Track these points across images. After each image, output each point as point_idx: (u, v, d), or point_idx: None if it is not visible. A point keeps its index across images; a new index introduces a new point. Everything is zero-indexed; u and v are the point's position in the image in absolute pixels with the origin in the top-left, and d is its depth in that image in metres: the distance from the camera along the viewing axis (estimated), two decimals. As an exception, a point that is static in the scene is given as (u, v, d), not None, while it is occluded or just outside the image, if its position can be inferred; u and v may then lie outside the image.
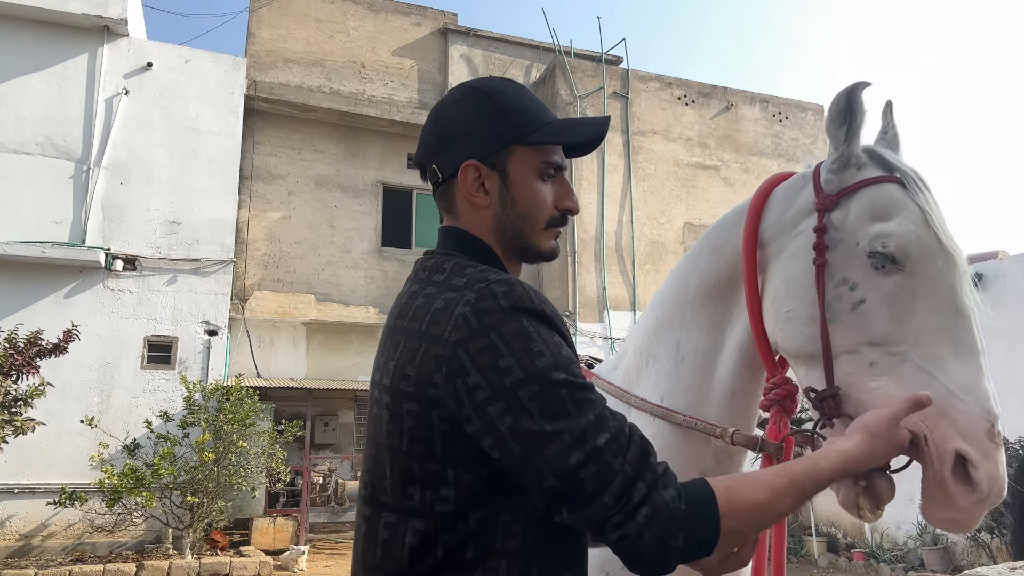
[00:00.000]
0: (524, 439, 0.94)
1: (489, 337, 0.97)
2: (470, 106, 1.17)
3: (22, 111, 10.34)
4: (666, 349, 1.63)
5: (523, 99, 1.18)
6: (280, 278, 12.04)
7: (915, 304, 1.23)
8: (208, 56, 11.66)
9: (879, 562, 9.05)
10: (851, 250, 1.30)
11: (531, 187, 1.14)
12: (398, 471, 1.02)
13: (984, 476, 1.12)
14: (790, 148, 14.82)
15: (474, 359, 0.96)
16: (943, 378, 1.18)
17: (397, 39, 13.74)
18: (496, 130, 1.14)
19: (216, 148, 11.31)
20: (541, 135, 1.13)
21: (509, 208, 1.14)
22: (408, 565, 1.00)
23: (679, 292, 1.63)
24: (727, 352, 1.53)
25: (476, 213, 1.15)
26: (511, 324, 0.98)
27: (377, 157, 13.05)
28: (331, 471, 11.42)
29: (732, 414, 1.54)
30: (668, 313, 1.65)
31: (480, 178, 1.14)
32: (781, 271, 1.40)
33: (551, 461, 0.93)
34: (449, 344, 0.98)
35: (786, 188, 1.51)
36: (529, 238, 1.16)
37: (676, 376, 1.60)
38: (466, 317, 0.98)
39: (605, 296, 12.59)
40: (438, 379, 0.98)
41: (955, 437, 1.14)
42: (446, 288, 1.04)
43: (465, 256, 1.12)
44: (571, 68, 13.32)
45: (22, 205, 10.10)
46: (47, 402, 8.38)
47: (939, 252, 1.24)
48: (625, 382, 1.75)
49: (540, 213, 1.15)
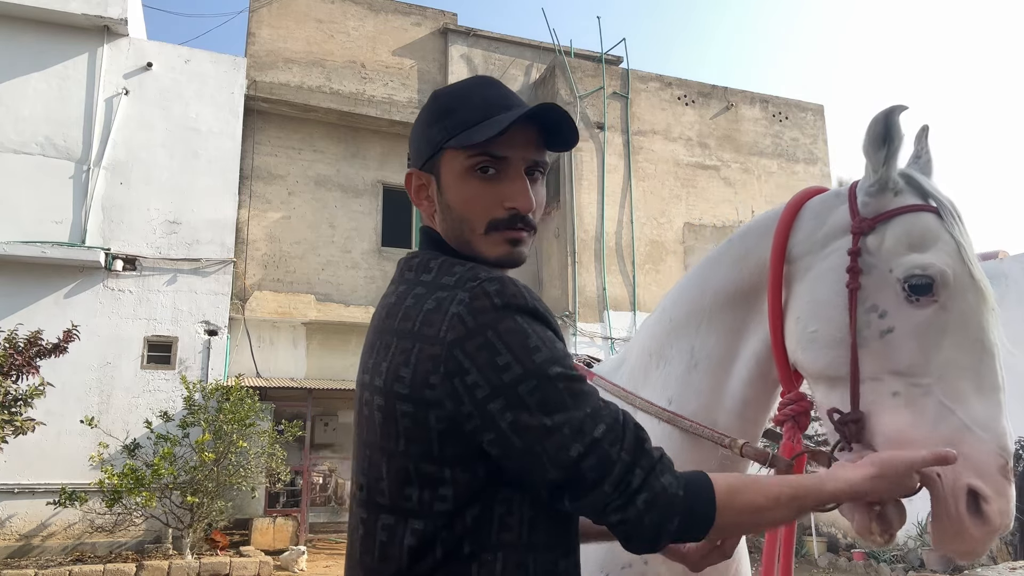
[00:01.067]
0: (525, 433, 0.95)
1: (486, 335, 0.97)
2: (421, 116, 1.18)
3: (22, 111, 10.33)
4: (679, 353, 1.62)
5: (459, 99, 1.14)
6: (280, 278, 12.04)
7: (943, 338, 1.24)
8: (208, 56, 11.66)
9: (879, 562, 9.05)
10: (884, 277, 1.29)
11: (461, 189, 1.10)
12: (395, 472, 1.02)
13: (995, 511, 1.16)
14: (790, 148, 14.82)
15: (472, 358, 0.96)
16: (962, 414, 1.20)
17: (397, 39, 13.74)
18: (428, 135, 1.14)
19: (216, 148, 11.31)
20: (459, 138, 1.09)
21: (446, 213, 1.12)
22: (407, 567, 1.00)
23: (696, 297, 1.62)
24: (742, 361, 1.53)
25: (429, 219, 1.16)
26: (506, 322, 0.98)
27: (377, 157, 13.05)
28: (331, 471, 11.42)
29: (742, 422, 1.54)
30: (682, 317, 1.63)
31: (420, 184, 1.15)
32: (809, 290, 1.40)
33: (552, 454, 0.95)
34: (445, 344, 0.97)
35: (818, 205, 1.48)
36: (471, 244, 1.11)
37: (688, 380, 1.59)
38: (460, 317, 0.98)
39: (605, 296, 12.59)
40: (435, 380, 0.98)
41: (969, 473, 1.17)
42: (436, 288, 1.04)
43: (441, 254, 1.11)
44: (571, 68, 13.32)
45: (22, 205, 10.10)
46: (47, 402, 8.37)
47: (971, 286, 1.26)
48: (630, 383, 1.74)
49: (476, 216, 1.10)
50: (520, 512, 1.02)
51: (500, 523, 1.01)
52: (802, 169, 14.72)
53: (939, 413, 1.21)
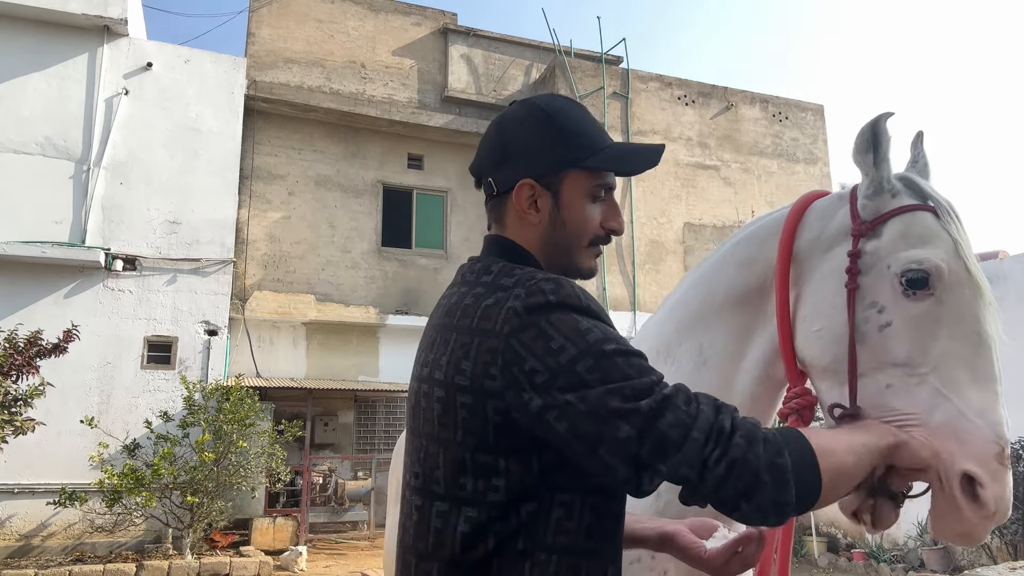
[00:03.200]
0: (584, 394, 0.96)
1: (539, 325, 1.01)
2: (531, 127, 1.20)
3: (22, 111, 10.33)
4: (687, 351, 1.66)
5: (583, 123, 1.21)
6: (280, 278, 12.04)
7: (939, 329, 1.28)
8: (208, 56, 11.66)
9: (879, 562, 9.05)
10: (882, 273, 1.34)
11: (581, 209, 1.19)
12: (451, 461, 1.05)
13: (991, 496, 1.18)
14: (790, 148, 14.81)
15: (527, 346, 1.00)
16: (958, 401, 1.23)
17: (397, 39, 13.74)
18: (554, 153, 1.18)
19: (216, 148, 11.31)
20: (596, 161, 1.17)
21: (558, 227, 1.18)
22: (460, 552, 1.03)
23: (705, 297, 1.65)
24: (751, 360, 1.57)
25: (525, 228, 1.19)
26: (557, 313, 1.02)
27: (377, 157, 13.04)
28: (331, 471, 11.41)
29: (751, 416, 1.57)
30: (691, 316, 1.68)
31: (534, 196, 1.18)
32: (814, 291, 1.45)
33: (623, 413, 0.95)
34: (502, 336, 1.02)
35: (822, 208, 1.53)
36: (572, 256, 1.20)
37: (698, 378, 1.62)
38: (516, 310, 1.03)
39: (605, 296, 12.59)
40: (495, 371, 1.01)
41: (964, 458, 1.20)
42: (495, 288, 1.08)
43: (502, 260, 1.15)
44: (571, 68, 13.32)
45: (22, 205, 10.10)
46: (47, 402, 8.37)
47: (967, 281, 1.29)
48: None
49: (585, 233, 1.20)
50: (579, 516, 1.04)
51: (557, 525, 1.03)
52: (802, 169, 14.72)
53: (935, 400, 1.25)
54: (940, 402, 1.24)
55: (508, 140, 1.21)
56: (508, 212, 1.19)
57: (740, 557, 1.18)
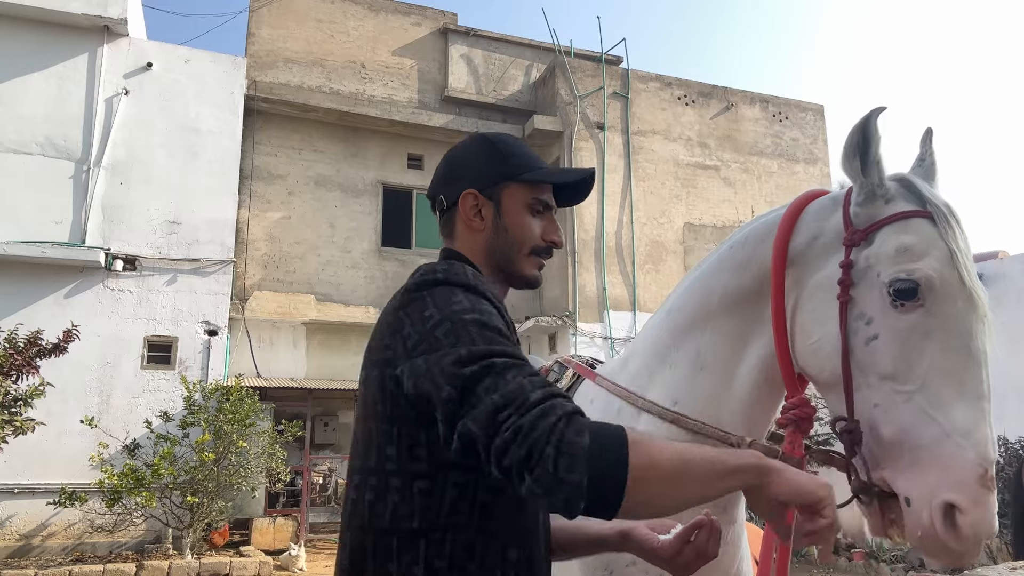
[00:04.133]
0: (429, 356, 1.03)
1: (423, 298, 1.11)
2: (474, 151, 1.37)
3: (22, 111, 10.33)
4: (685, 355, 1.63)
5: (520, 147, 1.37)
6: (280, 278, 12.04)
7: (927, 343, 1.24)
8: (208, 56, 11.66)
9: (879, 562, 9.04)
10: (872, 283, 1.31)
11: (521, 218, 1.31)
12: (362, 434, 1.15)
13: (968, 523, 1.15)
14: (790, 148, 14.81)
15: (409, 315, 1.10)
16: (944, 422, 1.20)
17: (397, 39, 13.73)
18: (493, 168, 1.32)
19: (216, 148, 11.31)
20: (531, 175, 1.32)
21: (501, 234, 1.30)
22: (368, 520, 1.10)
23: (702, 300, 1.63)
24: (748, 365, 1.54)
25: (472, 236, 1.31)
26: (441, 288, 1.12)
27: (377, 157, 13.04)
28: (331, 471, 11.41)
29: (747, 424, 1.55)
30: (688, 320, 1.65)
31: (477, 205, 1.31)
32: (809, 299, 1.42)
33: (447, 370, 1.00)
34: (396, 311, 1.13)
35: (817, 210, 1.50)
36: (514, 262, 1.31)
37: (695, 383, 1.60)
38: (407, 288, 1.16)
39: (605, 296, 12.58)
40: (387, 341, 1.12)
41: (946, 488, 1.17)
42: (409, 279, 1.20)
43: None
44: (571, 68, 13.31)
45: (22, 205, 10.10)
46: (47, 402, 8.37)
47: (960, 293, 1.25)
48: (634, 384, 1.75)
49: (526, 241, 1.31)
50: (473, 496, 1.08)
51: (452, 506, 1.07)
52: (802, 169, 14.72)
53: (921, 420, 1.22)
54: (925, 423, 1.21)
55: (455, 164, 1.37)
56: (457, 223, 1.32)
57: (694, 547, 1.18)
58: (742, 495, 1.63)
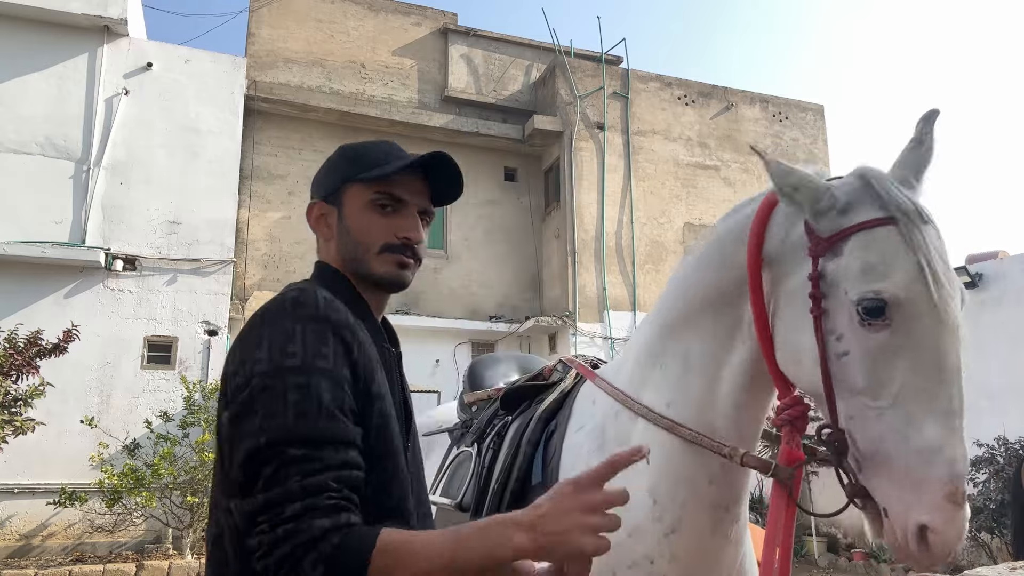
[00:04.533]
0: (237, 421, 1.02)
1: (261, 334, 1.07)
2: (327, 163, 1.41)
3: (22, 111, 10.33)
4: (674, 356, 1.63)
5: (371, 148, 1.36)
6: (280, 278, 12.03)
7: (897, 361, 1.23)
8: (208, 56, 11.66)
9: (879, 562, 9.05)
10: (840, 300, 1.29)
11: (365, 217, 1.29)
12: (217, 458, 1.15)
13: (939, 542, 1.17)
14: (790, 148, 14.81)
15: (242, 348, 1.08)
16: (915, 440, 1.20)
17: (397, 39, 13.73)
18: (336, 174, 1.35)
19: (216, 148, 11.31)
20: (368, 173, 1.29)
21: (345, 236, 1.30)
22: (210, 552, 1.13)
23: (687, 300, 1.62)
24: (733, 365, 1.53)
25: (326, 246, 1.34)
26: (284, 323, 1.08)
27: (377, 157, 13.02)
28: (331, 471, 11.41)
29: (740, 425, 1.54)
30: (675, 320, 1.64)
31: (322, 215, 1.34)
32: (784, 308, 1.41)
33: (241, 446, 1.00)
34: (241, 337, 1.11)
35: (785, 209, 1.47)
36: (365, 262, 1.28)
37: (684, 385, 1.60)
38: (255, 316, 1.12)
39: (605, 296, 12.58)
40: (227, 368, 1.11)
41: (919, 510, 1.18)
42: None
43: (319, 283, 1.23)
44: (571, 68, 13.31)
45: (22, 205, 10.10)
46: (47, 402, 8.37)
47: (928, 310, 1.22)
48: (631, 386, 1.75)
49: (373, 239, 1.27)
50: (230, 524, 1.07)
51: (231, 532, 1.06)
52: (802, 169, 14.71)
53: (893, 437, 1.22)
54: (897, 440, 1.21)
55: (313, 179, 1.41)
56: (316, 237, 1.35)
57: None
58: (747, 492, 1.64)
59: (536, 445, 1.92)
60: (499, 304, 13.35)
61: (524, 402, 2.15)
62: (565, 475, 1.76)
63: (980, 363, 8.26)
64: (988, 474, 7.66)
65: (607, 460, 0.97)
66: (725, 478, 1.55)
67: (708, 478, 1.55)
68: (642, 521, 1.59)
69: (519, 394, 2.20)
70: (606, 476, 0.96)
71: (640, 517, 1.60)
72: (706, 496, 1.57)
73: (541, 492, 1.77)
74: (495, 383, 2.70)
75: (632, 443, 1.68)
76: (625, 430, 1.71)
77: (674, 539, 1.57)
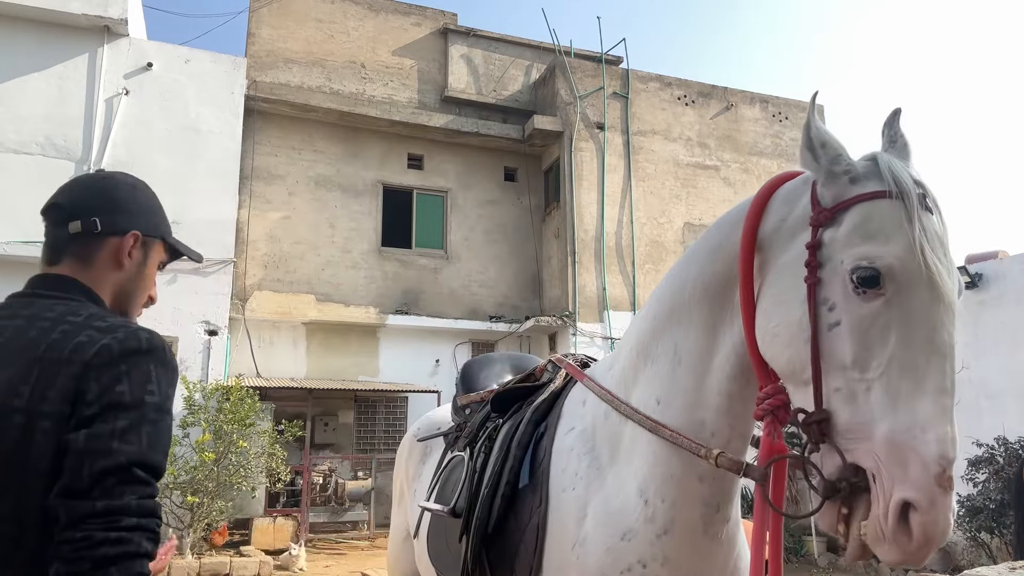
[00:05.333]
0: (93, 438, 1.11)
1: (119, 367, 1.16)
2: (149, 195, 1.52)
3: (22, 111, 10.33)
4: (664, 350, 1.61)
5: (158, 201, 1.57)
6: (280, 278, 12.04)
7: (888, 334, 1.20)
8: (208, 56, 11.66)
9: (879, 562, 9.03)
10: (836, 268, 1.26)
11: (152, 272, 1.49)
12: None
13: (920, 523, 1.11)
14: (790, 148, 14.81)
15: (99, 379, 1.14)
16: (904, 414, 1.16)
17: (397, 39, 13.74)
18: (158, 221, 1.51)
19: (216, 148, 11.31)
20: (177, 243, 1.55)
21: (137, 280, 1.43)
22: None
23: (676, 291, 1.60)
24: (722, 356, 1.51)
25: (111, 271, 1.38)
26: (143, 363, 1.19)
27: (377, 157, 13.05)
28: (331, 471, 11.40)
29: (731, 417, 1.52)
30: (665, 313, 1.62)
31: (135, 247, 1.41)
32: (774, 283, 1.37)
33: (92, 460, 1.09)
34: (88, 366, 1.15)
35: (788, 192, 1.46)
36: (135, 307, 1.45)
37: (673, 379, 1.58)
38: (110, 348, 1.17)
39: (605, 296, 12.59)
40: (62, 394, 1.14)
41: (904, 483, 1.13)
42: (86, 328, 1.21)
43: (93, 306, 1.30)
44: (571, 68, 13.31)
45: (22, 205, 10.09)
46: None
47: (925, 283, 1.19)
48: (621, 384, 1.74)
49: (148, 293, 1.49)
50: None
51: None
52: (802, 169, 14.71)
53: (880, 412, 1.18)
54: (885, 414, 1.17)
55: (126, 198, 1.43)
56: (101, 253, 1.36)
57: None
58: (737, 492, 1.64)
59: (526, 448, 1.90)
60: (499, 304, 13.36)
61: (515, 404, 2.13)
62: (555, 477, 1.76)
63: (980, 363, 8.27)
64: (988, 474, 7.67)
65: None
66: (715, 476, 1.54)
67: (698, 476, 1.54)
68: (634, 523, 1.59)
69: (510, 396, 2.17)
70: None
71: (632, 519, 1.59)
72: (697, 495, 1.56)
73: (530, 495, 1.80)
74: (488, 384, 2.68)
75: (623, 444, 1.68)
76: (616, 431, 1.70)
77: (666, 540, 1.56)
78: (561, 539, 1.67)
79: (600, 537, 1.61)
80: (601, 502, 1.64)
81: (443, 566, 2.16)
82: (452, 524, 2.06)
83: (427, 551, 2.33)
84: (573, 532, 1.66)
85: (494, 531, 1.85)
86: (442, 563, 2.17)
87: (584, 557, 1.61)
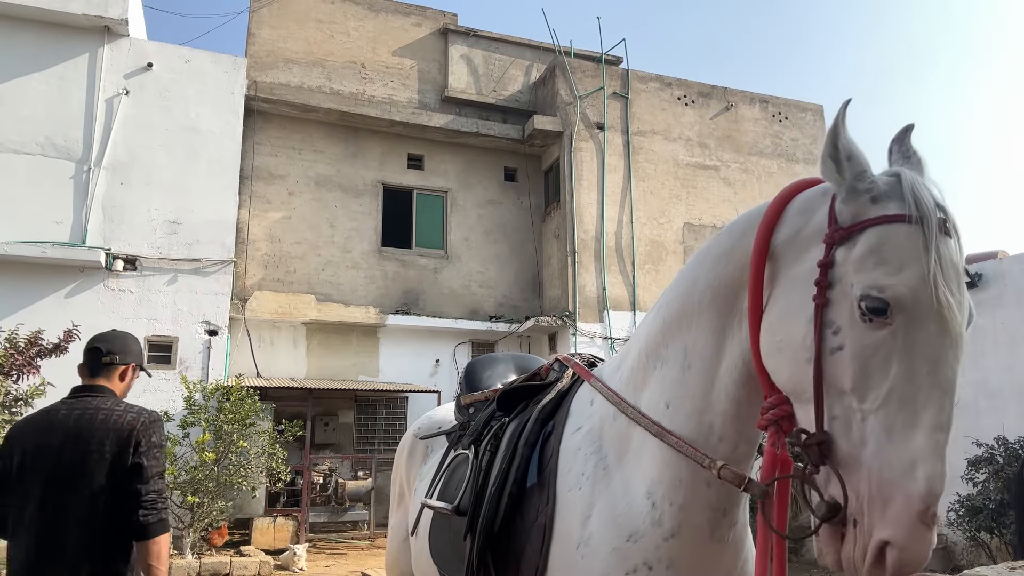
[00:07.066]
0: (149, 460, 2.41)
1: (151, 428, 2.46)
2: (136, 342, 2.77)
3: (22, 111, 10.33)
4: (673, 354, 1.60)
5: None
6: (280, 278, 12.04)
7: (891, 365, 1.17)
8: (208, 56, 11.66)
9: (879, 562, 9.02)
10: (845, 292, 1.23)
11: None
12: None
13: (895, 559, 1.11)
14: (790, 148, 14.82)
15: (144, 434, 2.43)
16: (895, 450, 1.15)
17: (397, 39, 13.74)
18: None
19: (216, 148, 11.31)
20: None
21: (130, 385, 2.70)
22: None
23: (686, 295, 1.59)
24: (731, 361, 1.49)
25: (121, 384, 2.65)
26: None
27: (377, 157, 13.05)
28: (331, 471, 11.40)
29: (739, 423, 1.51)
30: (675, 316, 1.61)
31: (132, 370, 2.68)
32: (782, 295, 1.35)
33: (147, 482, 2.39)
34: (136, 429, 2.42)
35: (805, 202, 1.42)
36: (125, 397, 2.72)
37: (683, 383, 1.57)
38: (145, 419, 2.47)
39: (605, 296, 12.59)
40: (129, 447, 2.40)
41: (884, 523, 1.13)
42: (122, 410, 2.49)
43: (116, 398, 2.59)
44: (571, 68, 13.32)
45: (22, 205, 10.10)
46: (48, 402, 8.32)
47: (935, 317, 1.17)
48: (629, 385, 1.73)
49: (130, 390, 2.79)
50: None
51: None
52: (802, 169, 14.72)
53: (874, 445, 1.17)
54: (878, 448, 1.15)
55: (130, 345, 2.71)
56: (115, 375, 2.63)
57: None
58: (744, 496, 1.62)
59: (533, 447, 1.89)
60: (499, 304, 13.36)
61: (521, 403, 2.12)
62: (562, 477, 1.75)
63: (980, 363, 8.27)
64: (988, 474, 7.66)
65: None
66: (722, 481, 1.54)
67: (705, 481, 1.53)
68: (640, 525, 1.58)
69: (516, 395, 2.17)
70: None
71: (639, 521, 1.58)
72: (704, 499, 1.55)
73: (537, 494, 1.80)
74: (492, 384, 2.68)
75: (632, 446, 1.67)
76: (624, 433, 1.69)
77: (673, 543, 1.55)
78: (566, 539, 1.67)
79: (606, 538, 1.60)
80: (607, 503, 1.64)
81: (445, 564, 2.15)
82: (456, 522, 2.06)
83: (428, 549, 2.32)
84: (578, 532, 1.65)
85: (500, 529, 1.84)
86: (444, 561, 2.16)
87: (589, 557, 1.61)
